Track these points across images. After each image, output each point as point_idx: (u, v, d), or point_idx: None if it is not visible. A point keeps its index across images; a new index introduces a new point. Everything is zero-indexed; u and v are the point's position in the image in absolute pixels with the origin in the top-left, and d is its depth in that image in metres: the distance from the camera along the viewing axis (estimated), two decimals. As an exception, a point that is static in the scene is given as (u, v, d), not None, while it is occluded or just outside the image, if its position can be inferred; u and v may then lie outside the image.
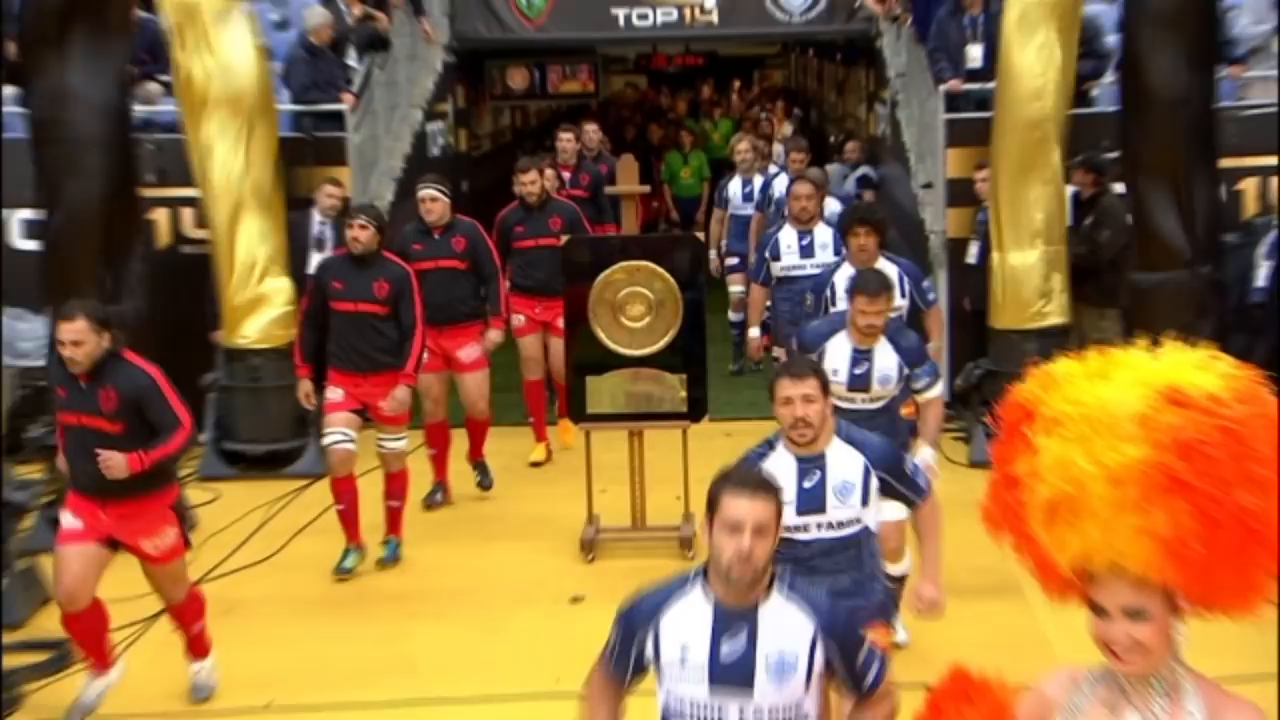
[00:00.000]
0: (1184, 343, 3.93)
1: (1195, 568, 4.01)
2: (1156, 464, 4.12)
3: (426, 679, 9.58)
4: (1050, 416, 4.41)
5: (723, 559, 3.69)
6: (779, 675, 3.82)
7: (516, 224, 13.11)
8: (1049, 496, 4.28)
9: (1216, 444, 4.14)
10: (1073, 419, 4.35)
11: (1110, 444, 4.19)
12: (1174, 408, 4.24)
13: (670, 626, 3.79)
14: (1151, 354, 4.18)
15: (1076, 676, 4.03)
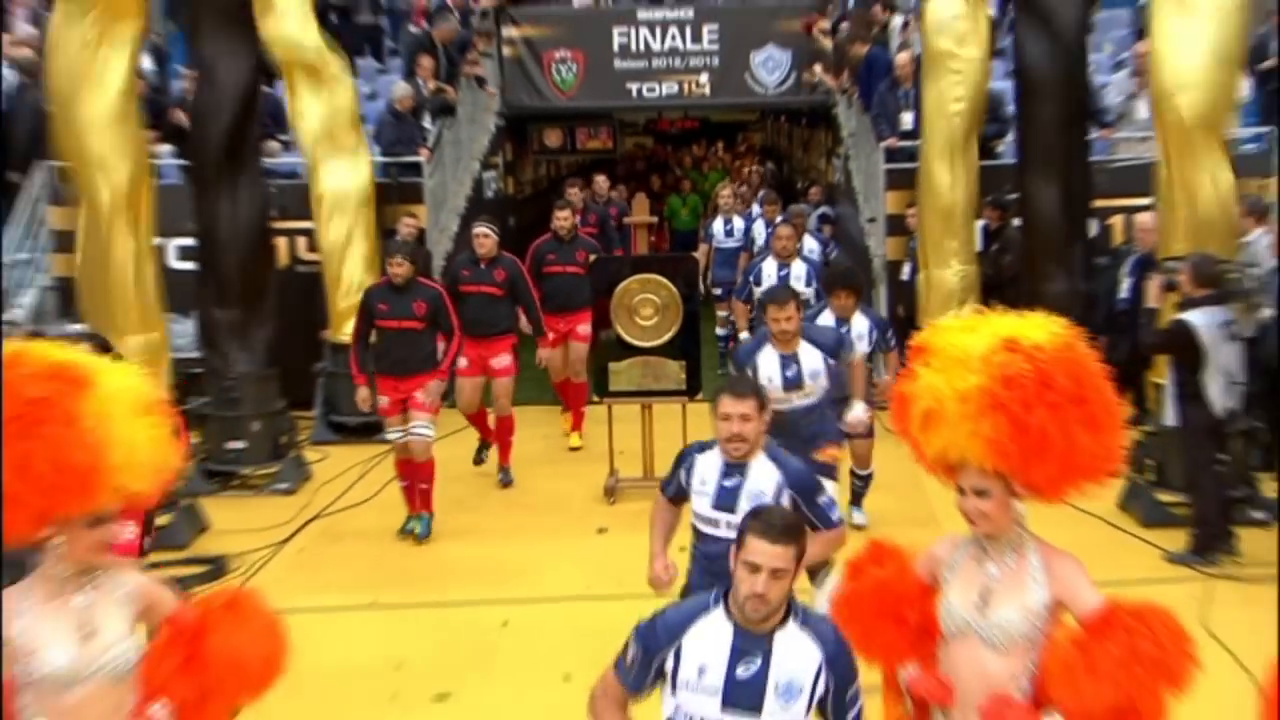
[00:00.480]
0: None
1: (1014, 462, 4.61)
2: (987, 389, 4.68)
3: (490, 585, 10.01)
4: (930, 354, 4.96)
5: (740, 593, 3.59)
6: (786, 699, 3.67)
7: (549, 253, 13.13)
8: (922, 409, 4.84)
9: (1028, 377, 4.65)
10: (941, 356, 4.87)
11: (961, 374, 4.77)
12: (1006, 351, 4.72)
13: (691, 646, 3.60)
14: (1012, 318, 5.00)
15: (956, 541, 4.98)
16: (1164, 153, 12.13)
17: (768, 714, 3.82)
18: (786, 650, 3.84)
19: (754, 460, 4.45)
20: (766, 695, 3.80)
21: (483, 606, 9.52)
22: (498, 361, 11.67)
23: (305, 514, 11.66)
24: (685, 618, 3.86)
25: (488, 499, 12.12)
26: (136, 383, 4.86)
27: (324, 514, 11.46)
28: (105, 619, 4.86)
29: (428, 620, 9.42)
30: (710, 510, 4.58)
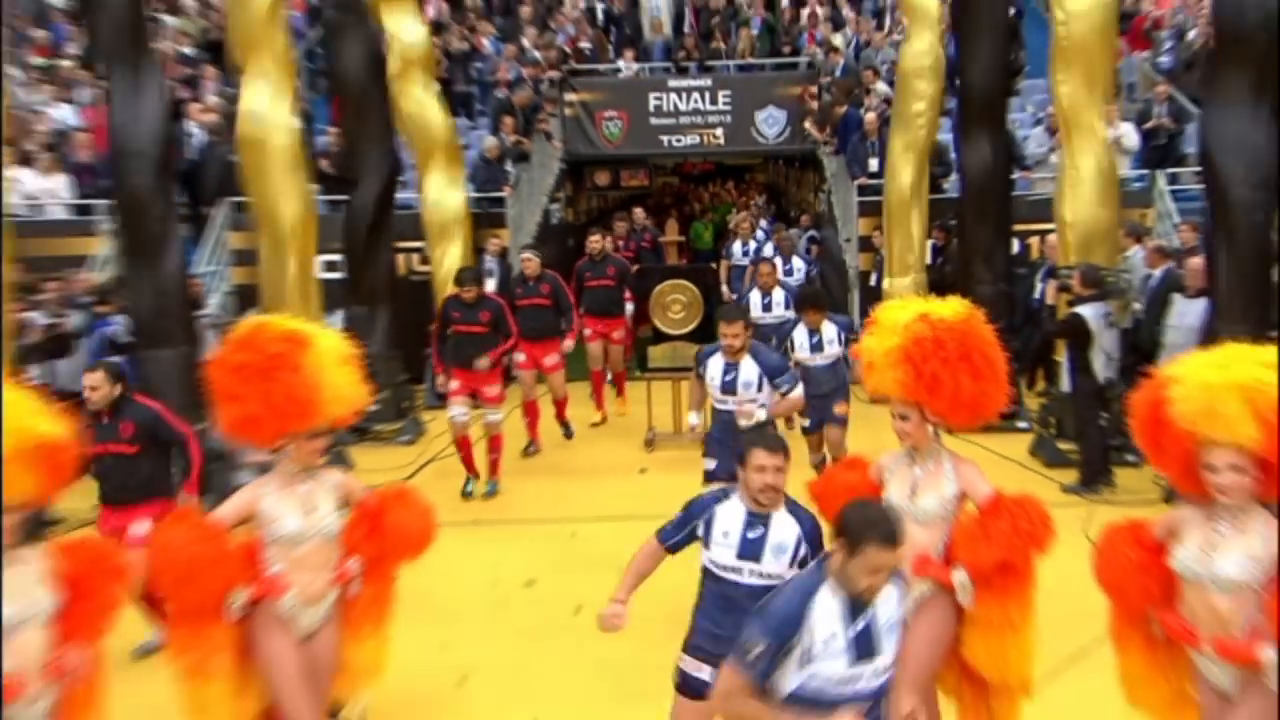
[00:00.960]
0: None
1: (919, 397, 5.42)
2: (901, 347, 5.46)
3: (560, 509, 10.46)
4: (873, 325, 5.80)
5: (861, 584, 3.39)
6: (777, 555, 3.84)
7: (586, 270, 13.04)
8: (866, 361, 5.69)
9: (928, 339, 5.41)
10: (879, 326, 5.70)
11: (888, 338, 5.57)
12: (918, 322, 5.47)
13: (818, 619, 3.38)
14: (936, 303, 5.80)
15: (895, 454, 5.75)
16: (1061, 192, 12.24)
17: (764, 563, 4.26)
18: (779, 524, 4.28)
19: (776, 512, 4.12)
20: (765, 550, 4.24)
21: (556, 523, 9.96)
22: (549, 360, 11.80)
23: (421, 458, 12.17)
24: (804, 599, 3.60)
25: (552, 452, 12.20)
26: (339, 344, 5.74)
27: (436, 459, 11.88)
28: (320, 500, 5.69)
29: (516, 533, 9.97)
30: (734, 560, 4.19)
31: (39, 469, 4.75)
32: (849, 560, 3.38)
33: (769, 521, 4.14)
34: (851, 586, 3.43)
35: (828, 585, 3.47)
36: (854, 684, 3.48)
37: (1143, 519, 5.33)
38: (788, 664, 3.45)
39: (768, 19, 19.88)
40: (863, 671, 3.49)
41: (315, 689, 5.62)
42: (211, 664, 5.45)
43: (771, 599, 3.63)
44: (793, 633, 3.42)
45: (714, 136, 18.23)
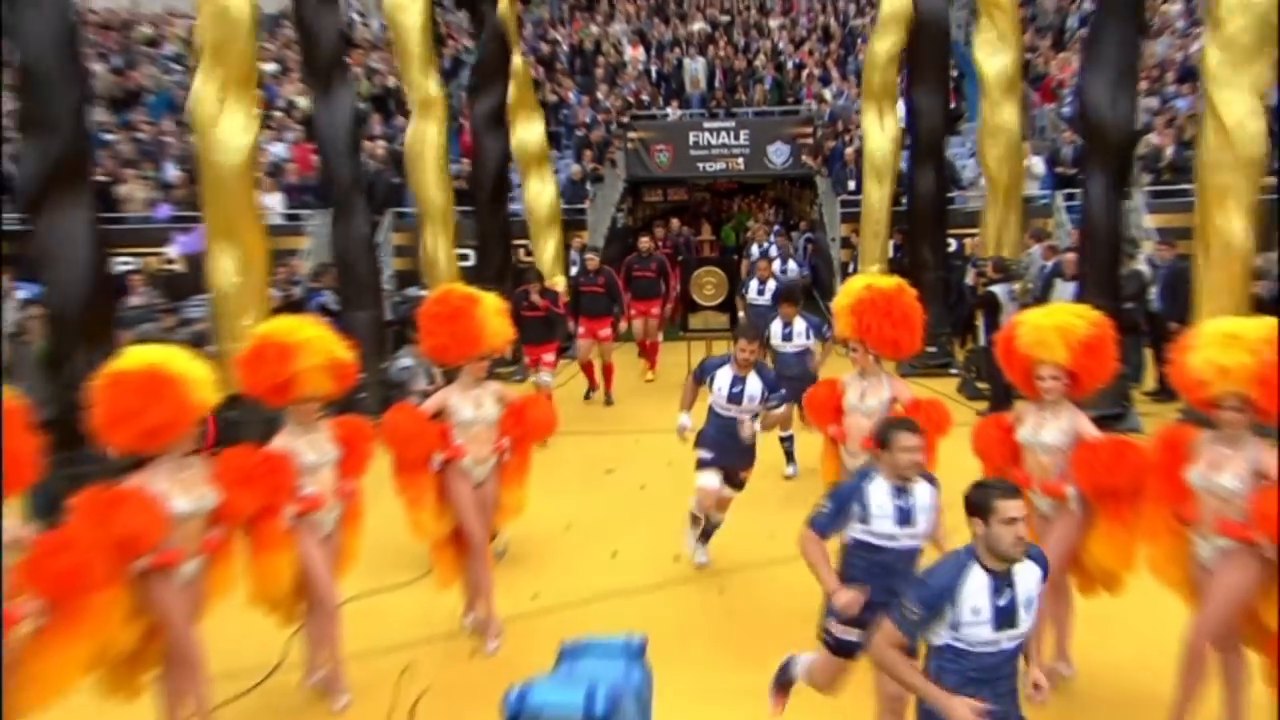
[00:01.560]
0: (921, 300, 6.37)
1: (863, 335, 6.04)
2: (849, 305, 6.14)
3: (624, 427, 10.82)
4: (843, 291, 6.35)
5: (1003, 543, 3.12)
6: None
7: (634, 264, 12.80)
8: (835, 313, 6.29)
9: (866, 300, 6.11)
10: (844, 291, 6.31)
11: (844, 299, 6.27)
12: (866, 289, 6.17)
13: (965, 595, 3.10)
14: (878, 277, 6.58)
15: (851, 375, 6.28)
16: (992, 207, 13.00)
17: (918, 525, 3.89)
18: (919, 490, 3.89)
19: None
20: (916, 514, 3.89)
21: (627, 434, 10.49)
22: (603, 332, 11.64)
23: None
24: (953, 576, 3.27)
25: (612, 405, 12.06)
26: (496, 300, 6.32)
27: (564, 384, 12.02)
28: (485, 400, 6.23)
29: (605, 439, 10.42)
30: (893, 528, 3.79)
31: (334, 375, 5.45)
32: (986, 526, 3.15)
33: (911, 489, 3.81)
34: (995, 548, 3.15)
35: (976, 562, 3.21)
36: (995, 646, 3.21)
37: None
38: (939, 626, 3.22)
39: (777, 77, 19.86)
40: (1002, 637, 3.21)
41: (483, 518, 6.20)
42: (423, 498, 6.04)
43: (929, 571, 3.37)
44: (945, 604, 3.19)
45: (736, 163, 18.27)
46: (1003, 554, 3.12)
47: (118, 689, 4.77)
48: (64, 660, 4.17)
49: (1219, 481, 4.46)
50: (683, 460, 8.15)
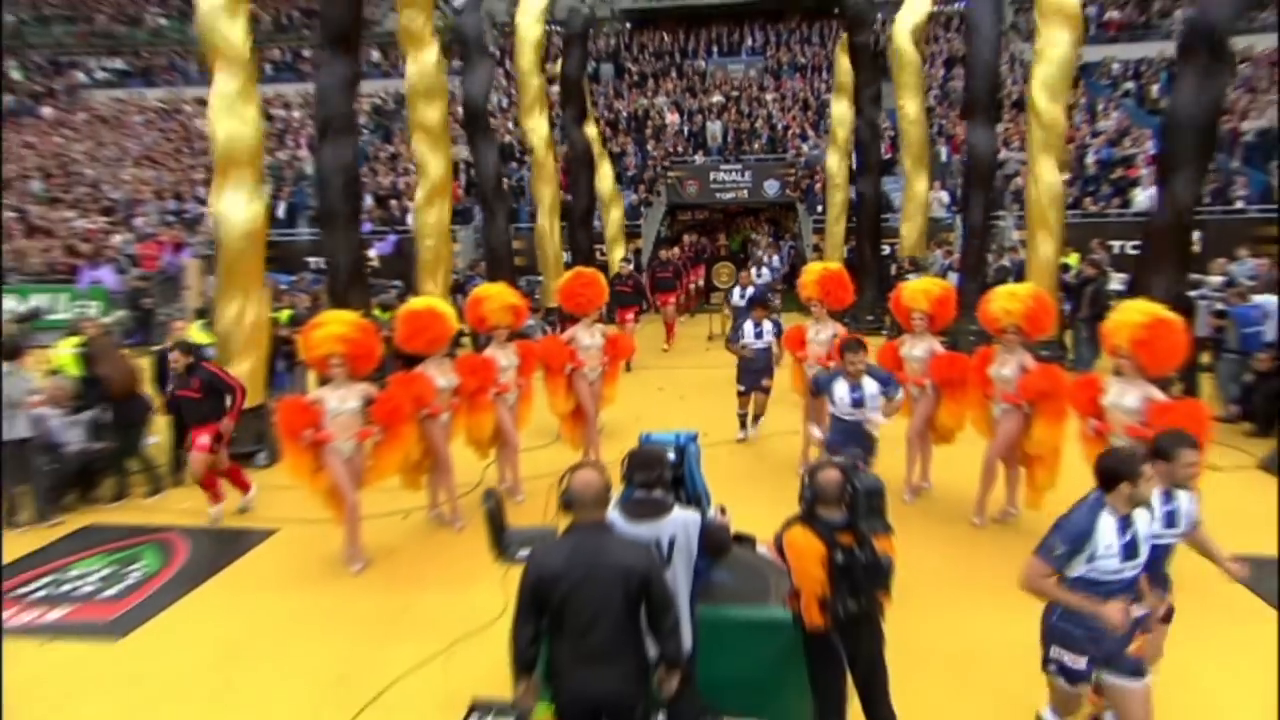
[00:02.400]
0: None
1: (823, 297, 6.40)
2: (815, 279, 6.50)
3: (663, 365, 10.70)
4: (807, 271, 6.57)
5: (1146, 498, 2.76)
6: (1145, 545, 2.84)
7: (658, 268, 12.42)
8: (801, 285, 6.52)
9: (817, 276, 6.53)
10: (807, 272, 6.61)
11: (808, 277, 6.59)
12: (821, 270, 6.60)
13: (1100, 534, 2.71)
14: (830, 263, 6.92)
15: (811, 323, 6.42)
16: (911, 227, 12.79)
17: (1140, 556, 2.92)
18: (1140, 518, 2.93)
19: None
20: (1139, 546, 2.89)
21: (664, 369, 10.42)
22: (629, 316, 10.93)
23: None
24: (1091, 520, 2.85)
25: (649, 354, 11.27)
26: (602, 277, 6.66)
27: None
28: (596, 335, 6.53)
29: (652, 373, 10.19)
30: (1119, 564, 2.87)
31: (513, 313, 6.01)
32: (1134, 487, 2.78)
33: (1132, 520, 2.85)
34: (1125, 508, 2.79)
35: (1107, 510, 2.82)
36: (1120, 574, 2.85)
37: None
38: (1077, 560, 2.84)
39: (771, 134, 19.63)
40: (1126, 567, 2.84)
41: (594, 404, 6.68)
42: (559, 390, 6.48)
43: (1068, 516, 2.89)
44: (1084, 542, 2.81)
45: (742, 193, 18.06)
46: (1141, 503, 2.79)
47: (409, 482, 5.66)
48: (389, 459, 5.25)
49: (1002, 373, 5.25)
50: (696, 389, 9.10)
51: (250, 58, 7.12)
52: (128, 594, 4.94)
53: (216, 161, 7.14)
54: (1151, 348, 4.34)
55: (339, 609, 4.66)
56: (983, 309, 5.46)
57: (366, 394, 5.08)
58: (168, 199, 17.73)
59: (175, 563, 5.34)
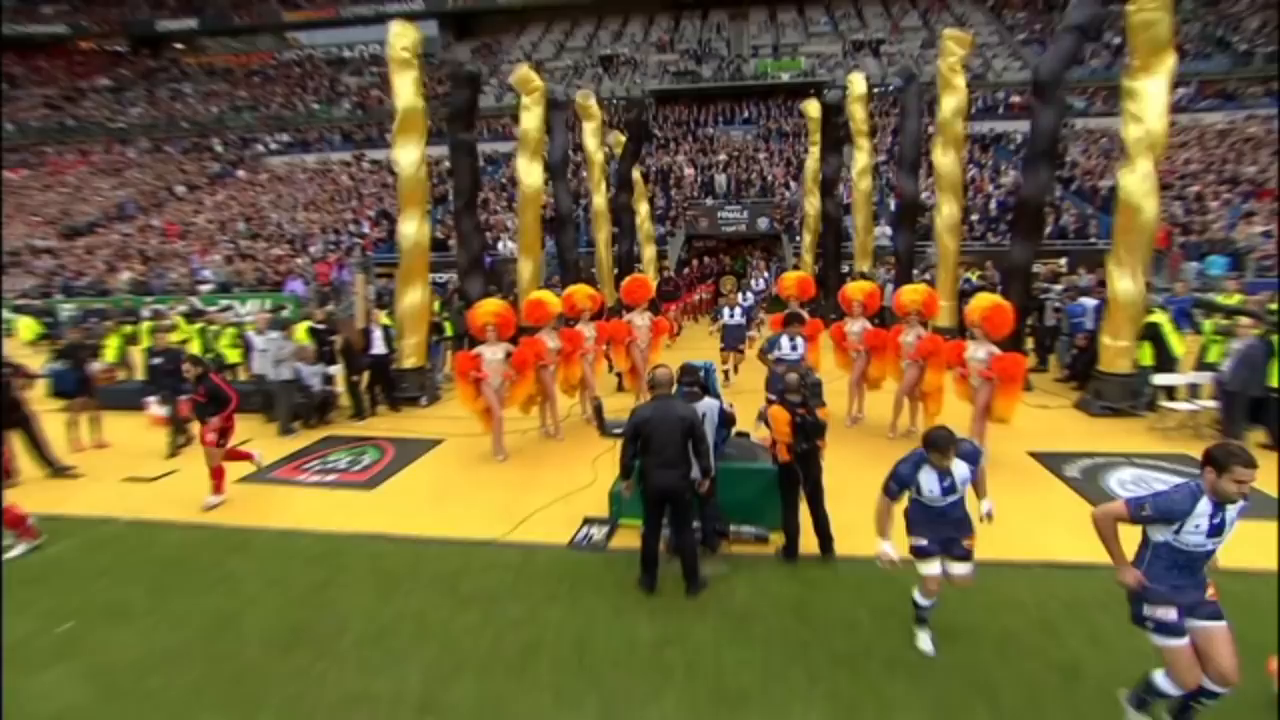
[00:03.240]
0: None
1: (790, 293, 6.71)
2: (794, 282, 6.86)
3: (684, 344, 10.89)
4: (784, 278, 6.77)
5: (1228, 494, 2.35)
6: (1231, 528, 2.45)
7: (663, 283, 12.32)
8: (781, 287, 6.70)
9: (799, 280, 6.88)
10: (784, 280, 6.72)
11: (790, 281, 6.84)
12: (792, 275, 7.01)
13: (1195, 515, 2.34)
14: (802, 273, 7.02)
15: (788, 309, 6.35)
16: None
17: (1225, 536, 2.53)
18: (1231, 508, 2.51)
19: None
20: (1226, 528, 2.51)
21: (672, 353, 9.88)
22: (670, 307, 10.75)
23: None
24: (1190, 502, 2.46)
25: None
26: (645, 279, 7.03)
27: None
28: (644, 319, 7.07)
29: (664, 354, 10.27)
30: (1203, 540, 2.47)
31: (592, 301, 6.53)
32: (1219, 478, 2.44)
33: (1227, 507, 2.50)
34: (1221, 494, 2.46)
35: (1206, 494, 2.48)
36: (1202, 548, 2.51)
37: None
38: (1160, 527, 2.52)
39: (763, 184, 19.68)
40: (1209, 543, 2.51)
41: (644, 363, 7.12)
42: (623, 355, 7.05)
43: (1171, 492, 2.53)
44: (1177, 519, 2.48)
45: (741, 228, 18.07)
46: (1224, 499, 2.45)
47: (526, 409, 6.49)
48: (519, 391, 6.15)
49: (907, 340, 5.98)
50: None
51: (423, 131, 7.72)
52: (366, 469, 6.02)
53: (401, 198, 7.79)
54: (991, 321, 5.34)
55: (494, 478, 5.66)
56: (895, 300, 6.37)
57: (507, 350, 5.93)
58: (329, 234, 19.15)
59: (387, 456, 6.33)
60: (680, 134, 23.84)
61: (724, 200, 19.25)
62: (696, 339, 11.68)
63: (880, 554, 3.11)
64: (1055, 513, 4.64)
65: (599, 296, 7.10)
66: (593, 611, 3.68)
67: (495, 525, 4.77)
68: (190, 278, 16.24)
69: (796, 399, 3.90)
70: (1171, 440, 6.05)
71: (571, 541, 4.46)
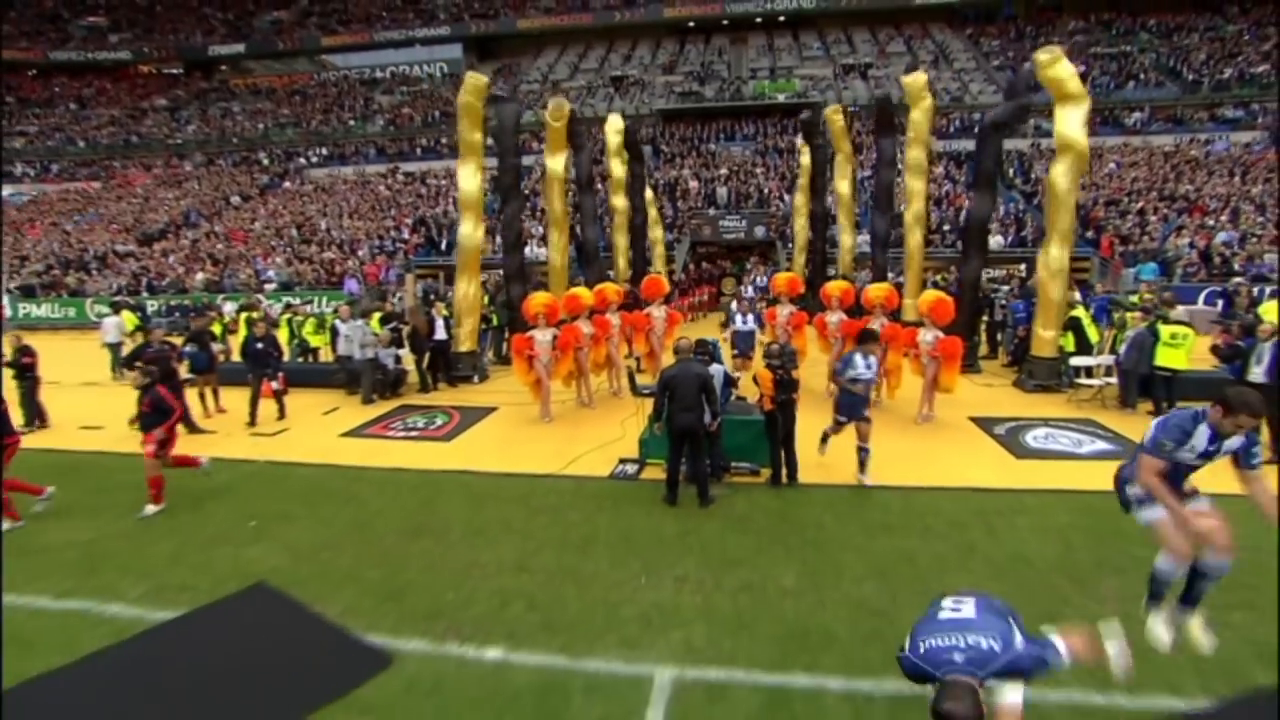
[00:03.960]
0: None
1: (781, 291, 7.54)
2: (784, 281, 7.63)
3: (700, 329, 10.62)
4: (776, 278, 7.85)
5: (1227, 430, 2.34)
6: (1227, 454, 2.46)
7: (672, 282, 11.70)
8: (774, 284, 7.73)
9: (789, 279, 7.71)
10: (775, 280, 7.63)
11: (781, 279, 7.57)
12: (784, 274, 7.87)
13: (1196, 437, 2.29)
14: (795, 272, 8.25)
15: (779, 306, 6.98)
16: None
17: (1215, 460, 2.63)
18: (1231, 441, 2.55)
19: None
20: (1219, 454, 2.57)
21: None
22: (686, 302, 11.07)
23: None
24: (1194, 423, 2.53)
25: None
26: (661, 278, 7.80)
27: None
28: (660, 312, 7.69)
29: None
30: (1195, 460, 2.52)
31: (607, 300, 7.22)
32: (1224, 417, 2.46)
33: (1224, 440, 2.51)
34: (1220, 429, 2.51)
35: (1205, 422, 2.52)
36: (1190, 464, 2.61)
37: None
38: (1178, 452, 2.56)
39: (760, 196, 19.83)
40: (1198, 461, 2.60)
41: (660, 349, 7.77)
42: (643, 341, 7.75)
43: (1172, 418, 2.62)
44: (1184, 439, 2.55)
45: (740, 235, 18.47)
46: (1222, 434, 2.50)
47: (566, 383, 7.40)
48: (563, 366, 7.09)
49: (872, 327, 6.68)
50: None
51: (481, 158, 8.67)
52: (440, 428, 6.98)
53: (461, 207, 8.88)
54: (936, 312, 6.42)
55: (543, 434, 6.65)
56: (865, 296, 7.31)
57: (554, 333, 6.83)
58: (373, 239, 20.23)
59: (455, 420, 7.24)
60: (685, 149, 23.99)
61: (725, 210, 19.70)
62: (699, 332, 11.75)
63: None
64: (980, 457, 5.60)
65: (624, 291, 8.07)
66: (632, 516, 4.68)
67: (550, 464, 5.77)
68: (256, 278, 17.07)
69: (777, 363, 4.91)
70: (1083, 409, 6.87)
71: (611, 474, 5.44)
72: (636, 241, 13.25)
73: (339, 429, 6.80)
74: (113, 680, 2.94)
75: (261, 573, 4.05)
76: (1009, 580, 3.66)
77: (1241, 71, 23.48)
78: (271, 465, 6.00)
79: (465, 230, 8.77)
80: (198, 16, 35.11)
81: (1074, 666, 2.03)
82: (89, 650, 3.17)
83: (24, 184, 27.98)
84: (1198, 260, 13.54)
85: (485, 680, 3.00)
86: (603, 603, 3.63)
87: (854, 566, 3.98)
